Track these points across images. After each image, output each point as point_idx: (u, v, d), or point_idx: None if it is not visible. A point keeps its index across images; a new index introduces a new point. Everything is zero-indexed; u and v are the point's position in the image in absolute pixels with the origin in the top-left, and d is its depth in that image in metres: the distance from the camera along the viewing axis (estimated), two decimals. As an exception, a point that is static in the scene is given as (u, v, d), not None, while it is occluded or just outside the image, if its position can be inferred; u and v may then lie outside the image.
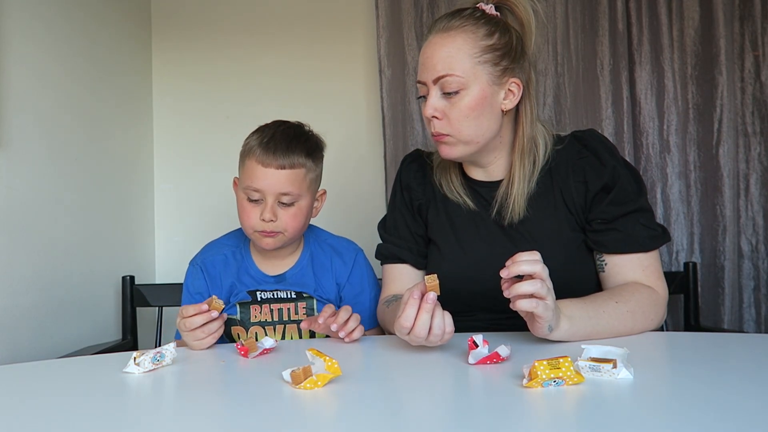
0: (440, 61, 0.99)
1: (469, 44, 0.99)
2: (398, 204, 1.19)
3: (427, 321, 0.82)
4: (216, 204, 1.89)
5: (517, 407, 0.63)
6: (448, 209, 1.13)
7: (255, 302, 1.19)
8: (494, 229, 1.08)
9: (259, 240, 1.14)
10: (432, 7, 1.81)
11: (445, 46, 0.99)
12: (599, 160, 1.04)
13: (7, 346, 1.27)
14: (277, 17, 1.95)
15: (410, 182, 1.18)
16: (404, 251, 1.15)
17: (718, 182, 1.70)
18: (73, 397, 0.73)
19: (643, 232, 1.01)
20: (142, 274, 1.82)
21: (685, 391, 0.66)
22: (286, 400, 0.68)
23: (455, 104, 0.99)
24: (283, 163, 1.11)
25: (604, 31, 1.74)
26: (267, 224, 1.11)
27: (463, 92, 0.99)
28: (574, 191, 1.05)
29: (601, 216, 1.03)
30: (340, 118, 1.93)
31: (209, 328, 0.98)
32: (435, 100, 1.01)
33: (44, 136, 1.41)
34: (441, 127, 1.01)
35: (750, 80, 1.72)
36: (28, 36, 1.36)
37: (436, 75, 0.99)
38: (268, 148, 1.11)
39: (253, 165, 1.11)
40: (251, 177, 1.11)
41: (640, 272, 1.01)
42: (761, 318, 1.70)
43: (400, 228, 1.17)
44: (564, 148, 1.07)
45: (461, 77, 0.98)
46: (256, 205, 1.12)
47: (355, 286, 1.23)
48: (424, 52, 1.03)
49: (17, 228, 1.30)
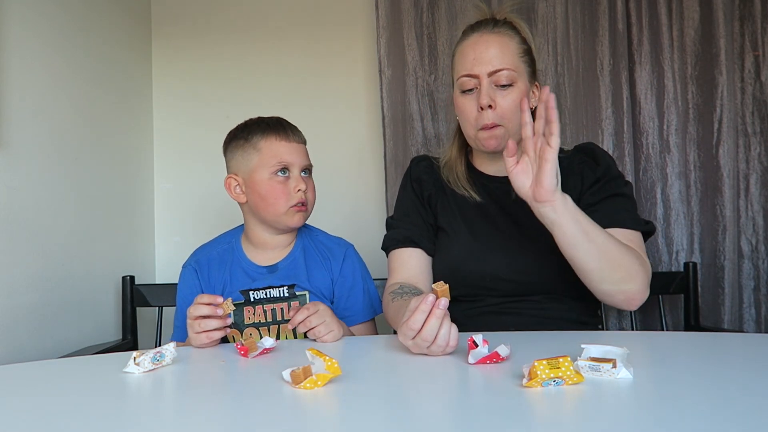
0: (496, 56, 1.09)
1: (514, 44, 1.11)
2: (408, 195, 1.24)
3: (435, 327, 0.81)
4: (216, 204, 1.89)
5: (517, 407, 0.63)
6: (456, 201, 1.19)
7: (248, 303, 1.20)
8: (503, 218, 1.15)
9: (291, 217, 1.19)
10: (432, 7, 1.81)
11: (498, 43, 1.10)
12: (595, 161, 1.15)
13: (7, 346, 1.27)
14: (277, 17, 1.95)
15: (420, 175, 1.24)
16: (416, 235, 1.18)
17: (718, 182, 1.69)
18: (73, 397, 0.73)
19: (626, 215, 1.08)
20: (142, 274, 1.82)
21: (685, 391, 0.66)
22: (286, 400, 0.68)
23: (507, 96, 1.09)
24: (299, 139, 1.22)
25: (604, 31, 1.74)
26: (299, 195, 1.18)
27: (515, 86, 1.10)
28: (571, 187, 1.11)
29: (587, 202, 1.10)
30: (340, 118, 1.93)
31: (206, 323, 0.98)
32: (490, 91, 1.09)
33: (44, 136, 1.41)
34: (495, 117, 1.09)
35: (750, 80, 1.72)
36: (28, 36, 1.36)
37: (493, 68, 1.09)
38: (279, 127, 1.20)
39: (274, 144, 1.18)
40: (277, 155, 1.17)
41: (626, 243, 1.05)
42: (761, 318, 1.70)
43: (412, 215, 1.21)
44: (567, 157, 1.16)
45: (514, 71, 1.09)
46: (285, 181, 1.18)
47: (347, 279, 1.24)
48: (474, 48, 1.11)
49: (17, 228, 1.30)
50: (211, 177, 1.91)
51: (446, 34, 1.80)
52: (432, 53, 1.81)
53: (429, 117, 1.81)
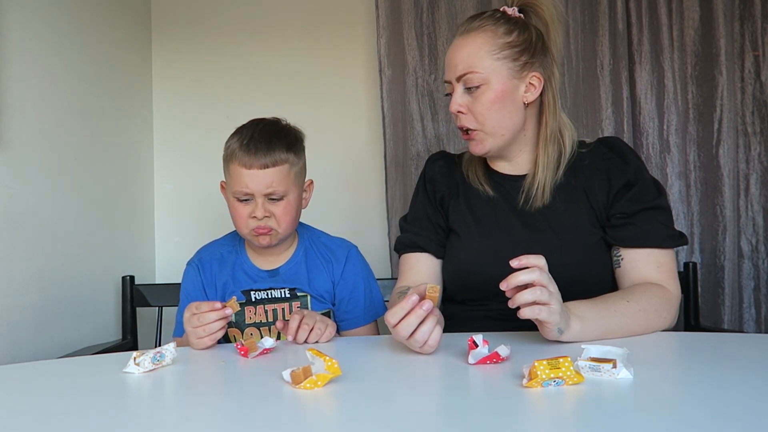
0: (461, 60, 1.06)
1: (488, 43, 1.06)
2: (420, 196, 1.22)
3: (413, 325, 0.82)
4: (216, 204, 1.89)
5: (517, 407, 0.63)
6: (469, 200, 1.17)
7: (249, 303, 1.20)
8: (513, 218, 1.12)
9: (254, 239, 1.16)
10: (432, 7, 1.81)
11: (466, 46, 1.07)
12: (624, 160, 1.09)
13: (7, 346, 1.27)
14: (277, 17, 1.95)
15: (434, 175, 1.22)
16: (424, 239, 1.17)
17: (718, 182, 1.70)
18: (73, 397, 0.73)
19: (662, 230, 1.04)
20: (142, 274, 1.82)
21: (685, 391, 0.66)
22: (286, 400, 0.68)
23: (478, 98, 1.06)
24: (266, 162, 1.12)
25: (604, 31, 1.74)
26: (260, 221, 1.13)
27: (484, 87, 1.05)
28: (597, 188, 1.09)
29: (620, 211, 1.06)
30: (340, 118, 1.93)
31: (210, 327, 0.98)
32: (458, 96, 1.08)
33: (44, 136, 1.41)
34: (467, 121, 1.08)
35: (750, 80, 1.72)
36: (28, 36, 1.36)
37: (458, 73, 1.07)
38: (249, 149, 1.12)
39: (237, 169, 1.12)
40: (237, 181, 1.12)
41: (654, 269, 1.02)
42: (761, 318, 1.70)
43: (421, 219, 1.20)
44: (590, 151, 1.13)
45: (481, 73, 1.05)
46: (246, 204, 1.14)
47: (348, 282, 1.23)
48: (448, 54, 1.10)
49: (17, 228, 1.30)
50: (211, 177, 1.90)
51: (446, 34, 1.80)
52: (432, 53, 1.81)
53: (429, 117, 1.81)
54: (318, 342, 1.00)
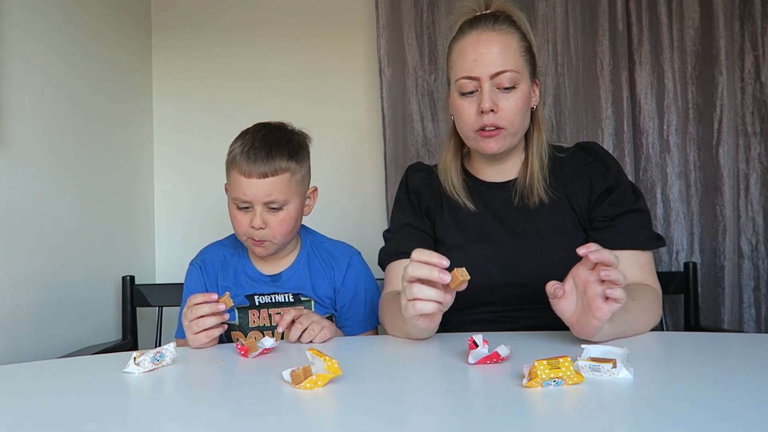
0: (498, 56, 1.03)
1: (516, 42, 1.06)
2: (405, 207, 1.20)
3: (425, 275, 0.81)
4: (216, 204, 1.89)
5: (517, 407, 0.63)
6: (453, 212, 1.16)
7: (253, 307, 1.20)
8: (498, 227, 1.12)
9: (251, 247, 1.16)
10: (432, 7, 1.81)
11: (500, 42, 1.04)
12: (604, 165, 1.12)
13: (7, 346, 1.27)
14: (277, 17, 1.95)
15: (417, 186, 1.20)
16: (408, 245, 1.14)
17: (718, 182, 1.70)
18: (73, 397, 0.73)
19: (642, 232, 1.06)
20: (142, 274, 1.82)
21: (685, 391, 0.66)
22: (286, 400, 0.68)
23: (510, 98, 1.05)
24: (266, 171, 1.10)
25: (604, 31, 1.74)
26: (257, 232, 1.12)
27: (518, 87, 1.05)
28: (579, 192, 1.10)
29: (602, 214, 1.08)
30: (340, 118, 1.93)
31: (203, 322, 0.97)
32: (492, 94, 1.04)
33: (44, 136, 1.41)
34: (496, 120, 1.05)
35: (750, 80, 1.72)
36: (28, 36, 1.36)
37: (495, 70, 1.03)
38: (249, 157, 1.10)
39: (236, 176, 1.11)
40: (236, 188, 1.12)
41: (638, 269, 1.05)
42: (761, 318, 1.70)
43: (406, 227, 1.17)
44: (569, 156, 1.14)
45: (517, 73, 1.04)
46: (246, 212, 1.13)
47: (350, 289, 1.23)
48: (475, 48, 1.05)
49: (17, 228, 1.30)
50: (212, 177, 1.91)
51: (446, 34, 1.80)
52: (432, 53, 1.81)
53: (429, 117, 1.81)
54: (312, 342, 1.00)
